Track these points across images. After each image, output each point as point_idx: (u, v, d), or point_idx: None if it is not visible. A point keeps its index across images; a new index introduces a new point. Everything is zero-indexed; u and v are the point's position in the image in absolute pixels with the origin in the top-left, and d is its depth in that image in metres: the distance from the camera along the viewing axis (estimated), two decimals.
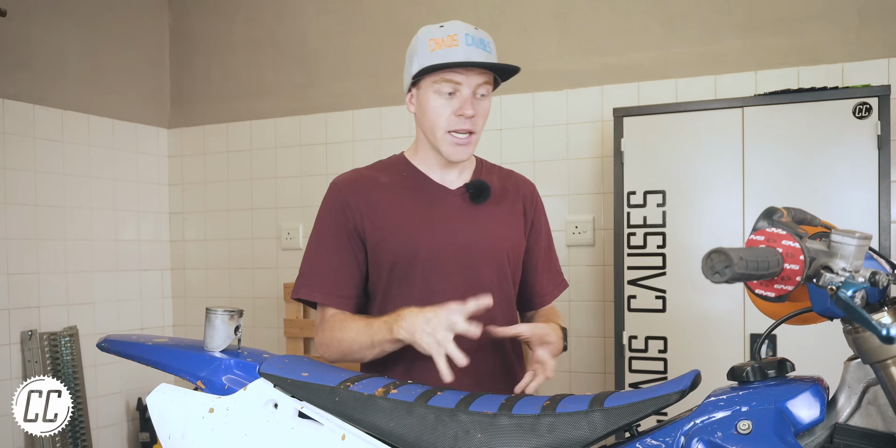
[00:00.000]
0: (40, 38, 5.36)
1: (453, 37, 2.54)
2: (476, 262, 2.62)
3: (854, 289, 1.52)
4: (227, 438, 2.09)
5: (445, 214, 2.66)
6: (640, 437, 1.81)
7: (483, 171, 2.81)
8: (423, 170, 2.74)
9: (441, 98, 2.56)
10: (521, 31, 5.15)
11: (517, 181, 2.84)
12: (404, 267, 2.62)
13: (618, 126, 4.28)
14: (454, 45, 2.52)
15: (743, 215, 4.01)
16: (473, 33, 2.55)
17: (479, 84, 2.54)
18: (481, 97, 2.59)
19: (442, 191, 2.70)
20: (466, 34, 2.53)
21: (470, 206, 2.68)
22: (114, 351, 2.48)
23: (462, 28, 2.55)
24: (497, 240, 2.66)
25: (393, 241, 2.61)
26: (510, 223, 2.72)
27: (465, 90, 2.53)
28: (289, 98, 5.96)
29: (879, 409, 1.68)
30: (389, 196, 2.68)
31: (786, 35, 4.51)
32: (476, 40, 2.54)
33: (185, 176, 6.36)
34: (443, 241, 2.61)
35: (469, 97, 2.54)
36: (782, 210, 1.71)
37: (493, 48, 2.61)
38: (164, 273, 6.36)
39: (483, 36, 2.58)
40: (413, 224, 2.62)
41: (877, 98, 3.81)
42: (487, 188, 2.69)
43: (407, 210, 2.65)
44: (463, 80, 2.52)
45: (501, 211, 2.72)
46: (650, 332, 4.21)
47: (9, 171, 5.12)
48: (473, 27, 2.59)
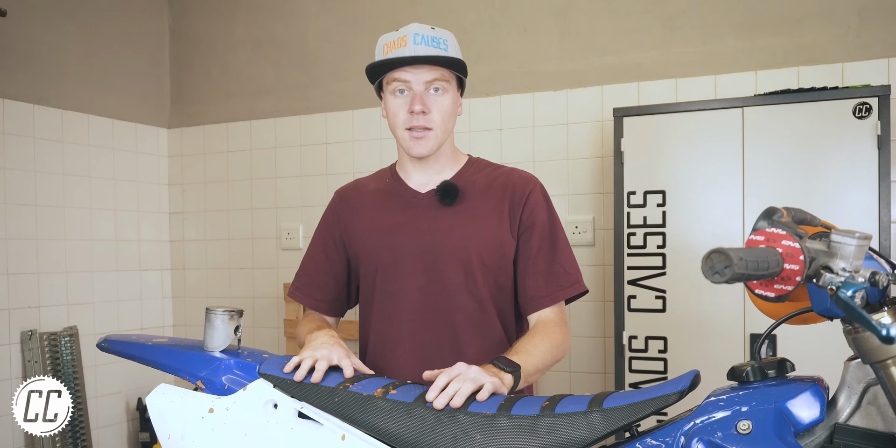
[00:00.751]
0: (40, 38, 5.36)
1: (403, 38, 2.60)
2: (440, 264, 2.65)
3: (854, 289, 1.52)
4: (227, 439, 2.09)
5: (413, 218, 2.71)
6: (640, 438, 1.81)
7: (470, 171, 2.81)
8: (402, 175, 2.82)
9: (396, 98, 2.65)
10: (521, 30, 5.15)
11: (510, 179, 2.76)
12: (373, 271, 2.72)
13: (618, 126, 4.28)
14: (402, 46, 2.59)
15: (743, 215, 4.02)
16: (427, 33, 2.60)
17: (431, 80, 2.60)
18: (436, 93, 2.62)
19: (412, 195, 2.76)
20: (416, 34, 2.59)
21: (439, 208, 2.71)
22: (114, 351, 2.49)
23: (414, 29, 2.60)
24: (466, 242, 2.64)
25: (364, 246, 2.75)
26: (487, 223, 2.68)
27: (416, 86, 2.59)
28: (289, 98, 5.96)
29: (879, 409, 1.67)
30: (371, 203, 2.82)
31: (786, 35, 4.51)
32: (427, 39, 2.59)
33: (185, 176, 6.36)
34: (406, 244, 2.68)
35: (419, 93, 2.59)
36: (782, 210, 1.71)
37: (452, 45, 2.67)
38: (164, 273, 6.36)
39: (438, 34, 2.63)
40: (382, 229, 2.73)
41: (877, 98, 3.81)
42: (454, 189, 2.69)
43: (381, 216, 2.76)
44: (411, 78, 2.59)
45: (479, 211, 2.70)
46: (650, 332, 4.21)
47: (9, 171, 5.12)
48: (430, 27, 2.63)
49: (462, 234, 2.65)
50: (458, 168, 2.80)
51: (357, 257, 2.78)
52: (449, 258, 2.64)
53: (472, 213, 2.69)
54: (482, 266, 2.65)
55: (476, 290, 2.66)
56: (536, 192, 2.75)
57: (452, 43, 2.66)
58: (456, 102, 2.70)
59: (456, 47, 2.68)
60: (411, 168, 2.78)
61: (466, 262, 2.64)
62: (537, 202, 2.73)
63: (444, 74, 2.61)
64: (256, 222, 6.08)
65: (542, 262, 2.70)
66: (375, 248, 2.71)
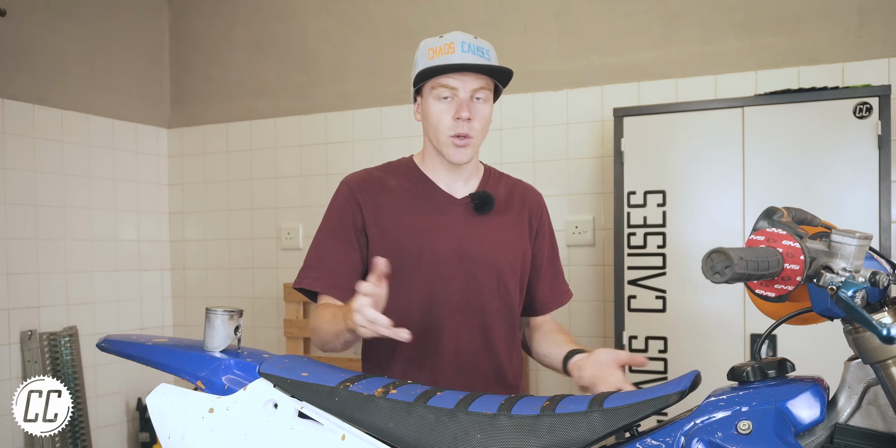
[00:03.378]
0: (40, 37, 5.36)
1: (450, 45, 2.61)
2: (476, 270, 2.68)
3: (854, 289, 1.52)
4: (227, 438, 2.09)
5: (450, 222, 2.72)
6: (640, 438, 1.80)
7: (490, 180, 2.84)
8: (430, 176, 2.80)
9: (440, 103, 2.63)
10: (521, 31, 5.15)
11: (524, 191, 2.88)
12: (407, 270, 2.66)
13: (618, 126, 4.28)
14: (451, 53, 2.59)
15: (743, 215, 4.02)
16: (472, 42, 2.63)
17: (476, 89, 2.60)
18: (480, 101, 2.63)
19: (448, 199, 2.75)
20: (463, 42, 2.61)
21: (473, 215, 2.74)
22: (113, 351, 2.48)
23: (460, 37, 2.63)
24: (498, 250, 2.71)
25: (397, 244, 2.69)
26: (513, 233, 2.77)
27: (462, 94, 2.59)
28: (289, 98, 5.96)
29: (880, 410, 1.67)
30: (396, 200, 2.75)
31: (786, 35, 4.51)
32: (473, 48, 2.61)
33: (184, 176, 6.36)
34: (447, 248, 2.68)
35: (466, 100, 2.59)
36: (782, 210, 1.71)
37: (493, 55, 2.68)
38: (163, 273, 6.36)
39: (482, 44, 2.65)
40: (419, 230, 2.70)
41: (877, 98, 3.81)
42: (491, 199, 2.73)
43: (413, 215, 2.73)
44: (458, 85, 2.59)
45: (506, 221, 2.77)
46: (650, 332, 4.21)
47: (9, 171, 5.12)
48: (473, 37, 2.65)
49: (494, 241, 2.72)
50: (481, 176, 2.85)
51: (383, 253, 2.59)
52: (483, 264, 2.69)
53: (500, 223, 2.75)
54: (512, 272, 2.74)
55: (507, 295, 2.74)
56: (544, 204, 2.91)
57: (493, 53, 2.69)
58: (492, 111, 2.73)
59: (495, 56, 2.70)
60: (443, 172, 2.78)
61: (499, 269, 2.70)
62: (546, 214, 2.91)
63: (489, 84, 2.64)
64: (256, 222, 6.08)
65: (549, 271, 2.88)
66: (416, 248, 2.68)
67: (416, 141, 5.26)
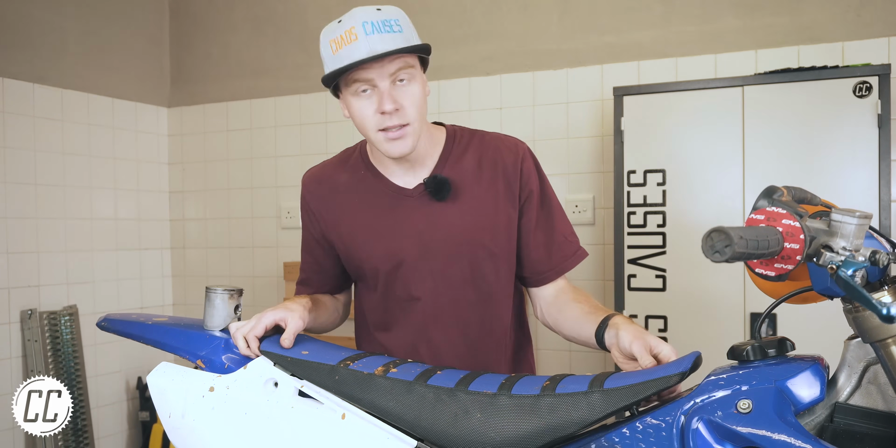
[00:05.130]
0: (40, 16, 5.35)
1: (350, 31, 2.31)
2: (443, 264, 2.52)
3: (854, 268, 1.52)
4: (228, 417, 2.10)
5: (405, 217, 2.54)
6: (641, 416, 1.81)
7: (453, 151, 2.59)
8: (379, 168, 2.60)
9: (360, 99, 2.38)
10: (520, 9, 5.14)
11: (496, 152, 2.57)
12: (373, 276, 2.59)
13: (618, 105, 4.27)
14: (353, 40, 2.31)
15: (743, 194, 4.02)
16: (375, 18, 2.30)
17: (395, 71, 2.32)
18: (404, 83, 2.35)
19: (398, 192, 2.56)
20: (364, 22, 2.29)
21: (432, 203, 2.52)
22: (114, 330, 2.49)
23: (360, 17, 2.31)
24: (469, 233, 2.50)
25: (356, 251, 2.58)
26: (486, 208, 2.52)
27: (381, 83, 2.32)
28: (289, 77, 5.95)
29: (880, 389, 1.68)
30: (349, 200, 2.61)
31: (786, 14, 4.50)
32: (377, 25, 2.29)
33: (185, 155, 6.36)
34: (406, 247, 2.53)
35: (387, 90, 2.32)
36: (782, 189, 1.71)
37: (405, 23, 2.37)
38: (163, 252, 6.36)
39: (388, 16, 2.32)
40: (374, 233, 2.56)
41: (877, 77, 3.81)
42: (445, 183, 2.49)
43: (366, 216, 2.58)
44: (374, 75, 2.32)
45: (473, 199, 2.52)
46: (650, 311, 4.21)
47: (9, 149, 5.12)
48: (375, 9, 2.33)
49: (461, 226, 2.50)
50: (440, 151, 2.59)
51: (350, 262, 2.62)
52: (455, 255, 2.51)
53: (467, 203, 2.52)
54: (490, 256, 2.53)
55: (483, 284, 2.55)
56: (527, 160, 2.59)
57: (404, 20, 2.37)
58: (424, 85, 2.44)
59: (408, 24, 2.38)
60: (390, 163, 2.55)
61: (472, 257, 2.51)
62: (529, 171, 2.58)
63: (408, 61, 2.34)
64: (256, 201, 6.08)
65: (541, 234, 2.58)
66: (372, 254, 2.55)
67: None
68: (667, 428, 1.74)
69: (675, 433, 1.73)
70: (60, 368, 5.26)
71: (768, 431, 1.60)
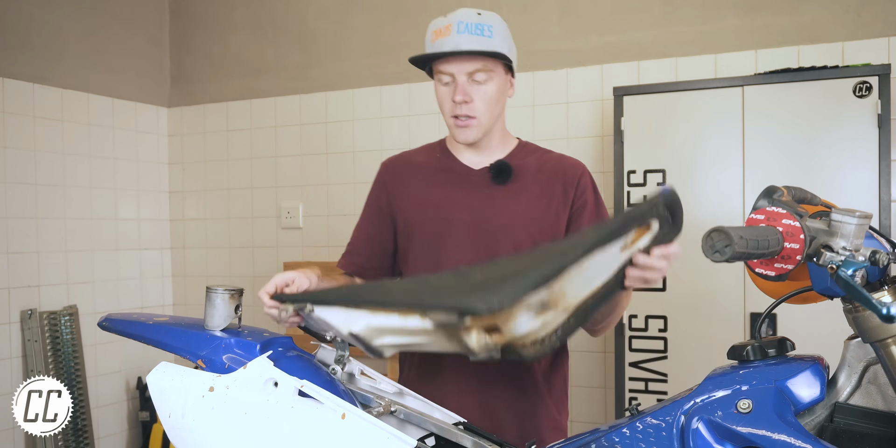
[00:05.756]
0: (40, 16, 5.35)
1: (448, 27, 2.59)
2: (491, 239, 2.69)
3: (854, 267, 1.53)
4: (227, 417, 2.10)
5: (466, 193, 2.76)
6: (641, 416, 1.81)
7: (520, 153, 2.83)
8: (453, 152, 2.86)
9: (441, 87, 2.68)
10: (521, 9, 5.13)
11: (560, 165, 2.81)
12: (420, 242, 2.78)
13: (618, 105, 4.28)
14: (447, 35, 2.59)
15: (743, 194, 4.02)
16: (472, 20, 2.59)
17: (473, 71, 2.61)
18: (479, 82, 2.63)
19: (465, 171, 2.80)
20: (460, 22, 2.58)
21: (492, 186, 2.74)
22: (114, 330, 2.49)
23: (459, 17, 2.60)
24: (518, 219, 2.70)
25: (415, 219, 2.80)
26: (538, 204, 2.72)
27: (459, 77, 2.61)
28: (289, 77, 5.95)
29: (880, 388, 1.68)
30: (419, 176, 2.86)
31: (786, 13, 4.50)
32: (471, 27, 2.58)
33: (184, 155, 6.36)
34: (457, 218, 2.73)
35: (462, 84, 2.61)
36: (782, 189, 1.72)
37: (498, 31, 2.63)
38: (164, 252, 6.36)
39: (484, 20, 2.60)
40: (433, 201, 2.78)
41: (877, 77, 3.81)
42: (508, 168, 2.74)
43: (431, 188, 2.81)
44: (454, 69, 2.61)
45: (529, 192, 2.74)
46: (650, 311, 4.21)
47: (9, 149, 5.12)
48: (476, 13, 2.62)
49: (513, 211, 2.70)
50: (510, 150, 2.83)
51: (406, 230, 2.83)
52: (500, 234, 2.69)
53: (523, 193, 2.73)
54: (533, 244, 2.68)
55: None
56: (586, 175, 2.79)
57: (498, 28, 2.65)
58: (503, 88, 2.71)
59: (502, 32, 2.67)
60: (464, 149, 2.82)
61: (517, 239, 2.68)
62: (586, 185, 2.77)
63: (487, 64, 2.62)
64: (256, 201, 6.08)
65: None
66: (426, 220, 2.77)
67: (416, 120, 5.26)
68: (667, 428, 1.75)
69: (675, 433, 1.73)
70: (60, 368, 5.26)
71: (768, 431, 1.60)
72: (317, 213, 5.82)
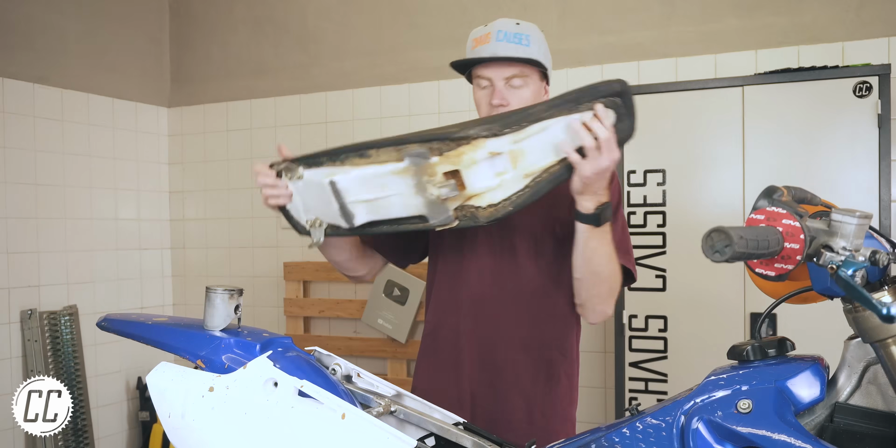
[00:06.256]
0: (40, 16, 5.35)
1: (487, 35, 2.76)
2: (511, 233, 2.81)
3: (854, 267, 1.52)
4: (227, 417, 2.10)
5: None
6: (640, 416, 1.81)
7: None
8: None
9: (480, 90, 2.80)
10: (521, 9, 5.13)
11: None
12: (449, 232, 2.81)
13: None
14: (486, 43, 2.74)
15: (743, 194, 4.02)
16: (510, 29, 2.74)
17: (510, 76, 2.72)
18: (516, 87, 2.74)
19: None
20: (500, 31, 2.74)
21: None
22: (114, 330, 2.49)
23: (499, 25, 2.76)
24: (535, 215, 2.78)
25: None
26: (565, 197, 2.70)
27: (497, 83, 2.72)
28: (289, 77, 5.95)
29: (880, 389, 1.68)
30: None
31: (786, 14, 4.50)
32: (510, 36, 2.73)
33: (185, 155, 6.36)
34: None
35: (500, 88, 2.72)
36: (782, 189, 1.71)
37: (535, 39, 2.77)
38: (163, 252, 6.36)
39: (523, 30, 2.76)
40: None
41: (877, 77, 3.81)
42: None
43: None
44: (492, 74, 2.73)
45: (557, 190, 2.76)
46: (650, 311, 4.21)
47: (9, 149, 5.12)
48: (515, 23, 2.77)
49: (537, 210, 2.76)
50: None
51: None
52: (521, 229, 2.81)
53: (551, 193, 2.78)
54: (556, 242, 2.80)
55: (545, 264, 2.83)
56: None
57: (536, 37, 2.77)
58: (538, 93, 2.80)
59: (539, 41, 2.79)
60: None
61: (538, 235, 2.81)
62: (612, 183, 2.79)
63: (523, 70, 2.73)
64: (256, 201, 6.05)
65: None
66: None
67: (416, 120, 5.26)
68: (667, 428, 1.74)
69: (675, 433, 1.73)
70: (60, 368, 5.26)
71: (768, 431, 1.60)
72: None
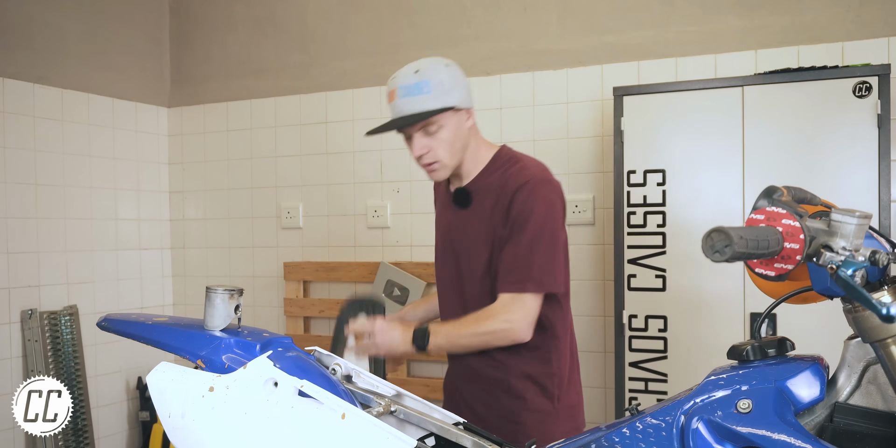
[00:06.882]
0: (40, 16, 5.35)
1: (393, 92, 2.86)
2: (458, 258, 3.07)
3: (854, 267, 1.52)
4: (227, 417, 2.10)
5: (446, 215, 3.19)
6: (640, 416, 1.81)
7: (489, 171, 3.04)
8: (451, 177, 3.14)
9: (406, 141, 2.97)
10: (521, 9, 5.13)
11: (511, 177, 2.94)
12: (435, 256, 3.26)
13: (618, 105, 4.27)
14: (393, 100, 2.87)
15: (743, 194, 4.02)
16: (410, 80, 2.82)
17: (420, 127, 2.87)
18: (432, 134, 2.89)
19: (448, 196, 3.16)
20: (400, 86, 2.83)
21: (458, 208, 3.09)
22: (114, 330, 2.50)
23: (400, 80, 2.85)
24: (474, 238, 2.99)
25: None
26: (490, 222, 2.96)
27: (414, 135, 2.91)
28: (289, 77, 5.95)
29: (879, 388, 1.68)
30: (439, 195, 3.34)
31: (786, 14, 4.50)
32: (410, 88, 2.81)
33: (185, 155, 6.36)
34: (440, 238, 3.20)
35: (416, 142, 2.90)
36: (782, 189, 1.71)
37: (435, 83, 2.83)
38: (164, 252, 6.36)
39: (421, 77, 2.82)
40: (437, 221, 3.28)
41: (877, 77, 3.81)
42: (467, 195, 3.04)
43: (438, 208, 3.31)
44: (405, 132, 2.93)
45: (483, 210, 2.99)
46: (650, 311, 4.21)
47: (9, 149, 5.12)
48: (414, 71, 2.85)
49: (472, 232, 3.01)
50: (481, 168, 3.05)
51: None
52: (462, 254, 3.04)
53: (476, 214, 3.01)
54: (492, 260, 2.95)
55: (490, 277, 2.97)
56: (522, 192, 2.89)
57: (437, 80, 2.83)
58: (457, 127, 2.92)
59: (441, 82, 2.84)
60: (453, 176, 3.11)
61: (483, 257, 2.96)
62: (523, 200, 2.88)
63: (432, 119, 2.84)
64: (256, 201, 6.08)
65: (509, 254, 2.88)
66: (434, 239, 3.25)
67: None
68: (667, 428, 1.75)
69: (675, 433, 1.73)
70: (60, 368, 5.26)
71: (768, 431, 1.60)
72: (317, 213, 5.83)
